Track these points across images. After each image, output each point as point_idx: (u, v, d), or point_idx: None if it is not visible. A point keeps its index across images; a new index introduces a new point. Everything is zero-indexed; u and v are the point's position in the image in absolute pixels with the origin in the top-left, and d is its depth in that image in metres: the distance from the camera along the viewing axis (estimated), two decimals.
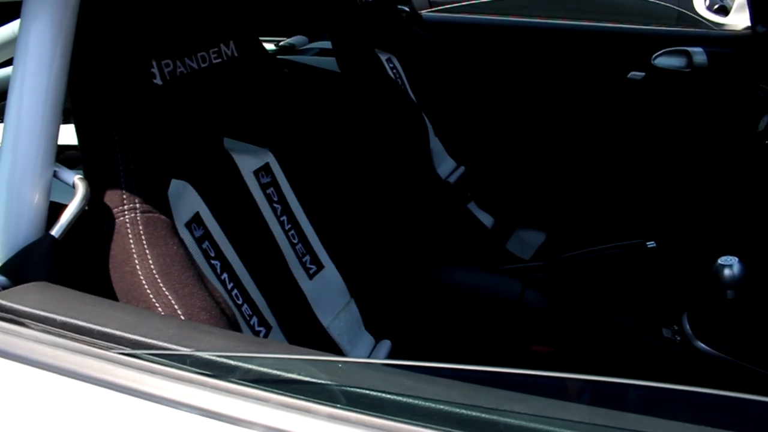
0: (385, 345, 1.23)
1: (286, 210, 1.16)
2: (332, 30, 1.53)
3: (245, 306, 1.00)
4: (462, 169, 1.89)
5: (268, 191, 1.14)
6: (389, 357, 1.22)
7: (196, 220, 0.97)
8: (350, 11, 1.48)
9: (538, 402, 0.51)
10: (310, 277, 1.16)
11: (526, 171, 2.09)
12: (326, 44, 1.83)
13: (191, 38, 1.03)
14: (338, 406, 0.49)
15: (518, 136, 2.19)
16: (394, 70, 1.79)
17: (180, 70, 0.99)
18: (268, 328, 1.03)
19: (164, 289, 0.74)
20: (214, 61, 1.06)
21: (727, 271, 1.37)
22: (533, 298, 1.41)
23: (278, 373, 0.53)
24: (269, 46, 1.87)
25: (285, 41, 1.86)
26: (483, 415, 0.49)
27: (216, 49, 1.07)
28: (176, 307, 0.73)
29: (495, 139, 2.14)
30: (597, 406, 0.53)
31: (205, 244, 0.97)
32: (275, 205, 1.14)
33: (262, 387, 0.51)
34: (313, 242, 1.18)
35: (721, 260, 1.38)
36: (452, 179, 1.83)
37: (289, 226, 1.16)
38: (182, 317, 0.73)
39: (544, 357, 1.32)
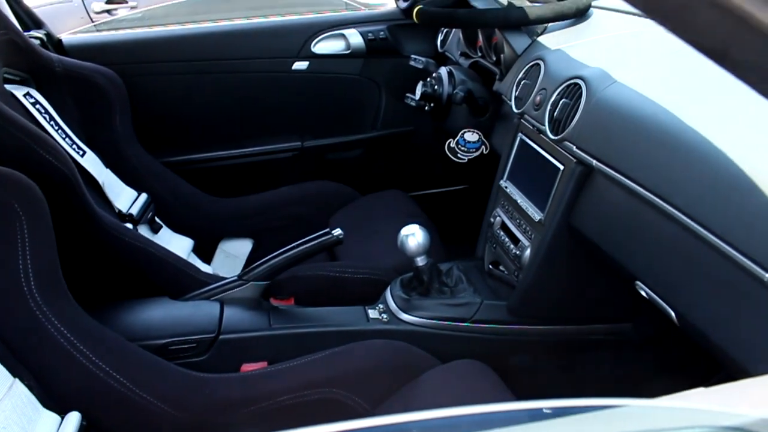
0: (74, 419, 1.07)
1: None
2: None
3: None
4: (144, 196, 1.75)
5: None
6: (81, 430, 1.07)
7: None
8: None
9: None
10: None
11: (209, 181, 2.01)
12: None
13: None
14: None
15: (191, 147, 2.10)
16: (37, 105, 1.59)
17: None
18: None
19: None
20: None
21: (411, 240, 1.41)
22: (234, 316, 1.34)
23: None
24: None
25: None
26: None
27: None
28: None
29: (170, 156, 2.03)
30: None
31: None
32: None
33: None
34: None
35: (403, 231, 1.42)
36: (135, 210, 1.68)
37: None
38: None
39: (256, 374, 1.26)
